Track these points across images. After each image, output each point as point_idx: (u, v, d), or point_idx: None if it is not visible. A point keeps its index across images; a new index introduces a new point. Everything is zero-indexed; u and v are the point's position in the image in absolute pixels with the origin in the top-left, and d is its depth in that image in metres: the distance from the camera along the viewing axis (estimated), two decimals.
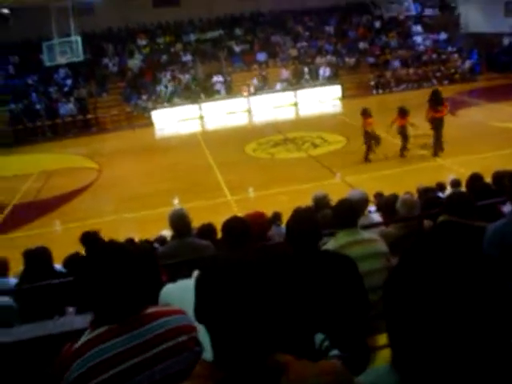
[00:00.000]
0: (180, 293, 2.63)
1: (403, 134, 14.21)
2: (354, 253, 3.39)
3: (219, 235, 5.02)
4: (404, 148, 14.42)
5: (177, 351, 1.92)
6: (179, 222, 4.86)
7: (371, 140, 14.23)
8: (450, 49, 28.82)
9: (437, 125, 14.04)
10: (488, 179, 7.60)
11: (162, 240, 6.82)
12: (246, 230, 3.42)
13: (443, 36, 29.58)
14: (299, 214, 3.40)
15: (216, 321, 1.32)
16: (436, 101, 14.14)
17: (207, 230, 5.77)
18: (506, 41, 27.64)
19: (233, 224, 3.49)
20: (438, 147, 14.27)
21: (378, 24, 30.44)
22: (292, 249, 3.11)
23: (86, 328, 1.96)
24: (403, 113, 14.11)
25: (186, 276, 3.02)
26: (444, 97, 14.75)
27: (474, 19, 29.23)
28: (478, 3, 28.57)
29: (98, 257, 1.94)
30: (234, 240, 3.39)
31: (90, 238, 5.99)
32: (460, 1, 30.45)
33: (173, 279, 3.64)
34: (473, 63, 27.58)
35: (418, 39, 29.56)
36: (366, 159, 14.32)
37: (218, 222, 4.30)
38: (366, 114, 14.19)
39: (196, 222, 6.32)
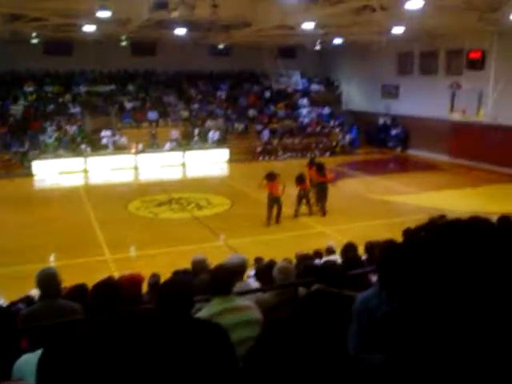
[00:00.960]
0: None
1: (300, 197, 15.44)
2: (228, 321, 3.35)
3: None
4: (297, 209, 15.51)
5: None
6: (48, 281, 4.57)
7: (274, 203, 14.66)
8: (332, 123, 30.76)
9: (321, 188, 15.70)
10: (362, 248, 8.00)
11: (28, 300, 6.36)
12: (115, 295, 3.28)
13: (327, 110, 31.61)
14: (172, 279, 3.34)
15: None
16: (319, 168, 15.91)
17: (79, 292, 5.46)
18: (381, 120, 30.11)
19: (101, 288, 3.34)
20: (321, 209, 15.70)
21: (267, 94, 31.96)
22: (163, 314, 3.01)
23: None
24: (300, 180, 15.40)
25: (50, 342, 2.80)
26: (326, 167, 16.41)
27: (355, 98, 31.96)
28: (358, 84, 31.38)
29: None
30: (103, 305, 3.23)
31: None
32: (343, 80, 33.10)
33: (34, 344, 3.37)
34: (352, 138, 29.65)
35: (304, 111, 31.30)
36: (278, 221, 14.79)
37: (94, 282, 4.10)
38: (271, 177, 14.70)
39: (70, 282, 5.99)
